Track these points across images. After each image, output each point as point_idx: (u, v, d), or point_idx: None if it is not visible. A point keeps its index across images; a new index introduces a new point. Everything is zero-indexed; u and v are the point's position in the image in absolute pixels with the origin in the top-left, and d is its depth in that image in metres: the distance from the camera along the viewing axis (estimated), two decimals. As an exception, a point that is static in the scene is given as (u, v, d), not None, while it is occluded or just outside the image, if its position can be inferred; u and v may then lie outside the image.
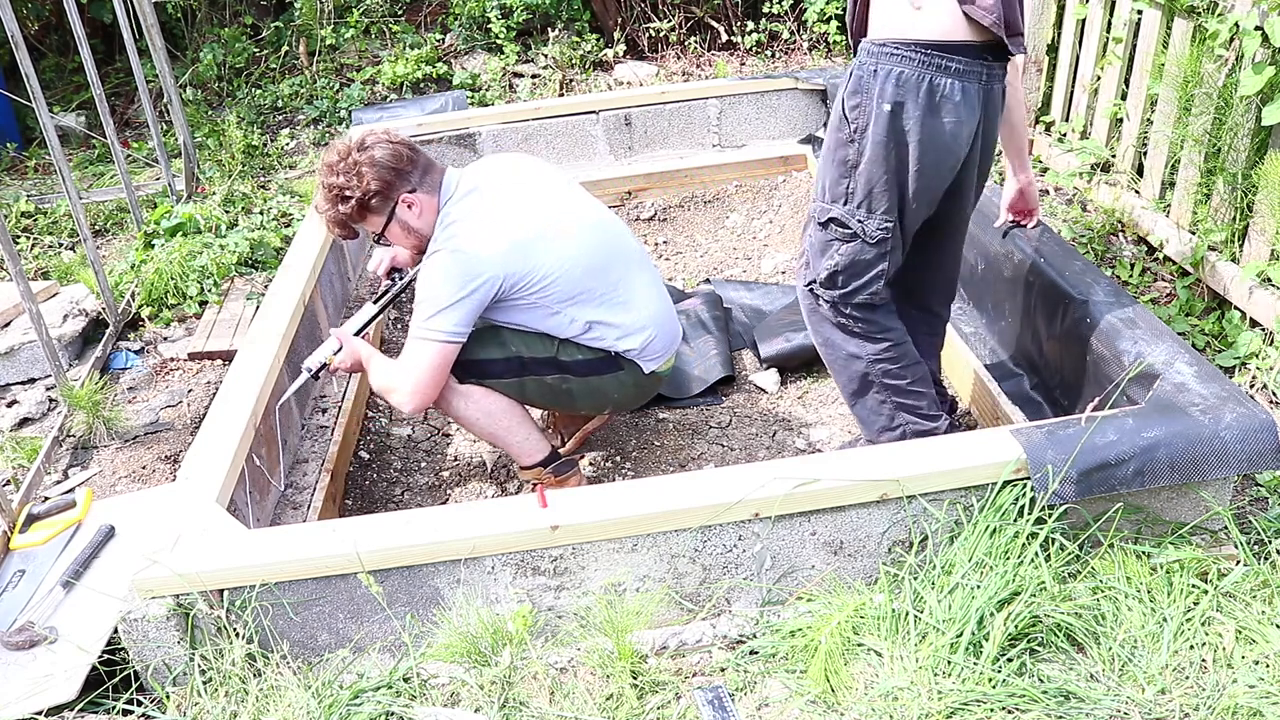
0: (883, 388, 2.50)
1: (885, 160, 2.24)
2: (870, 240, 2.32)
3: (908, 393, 2.51)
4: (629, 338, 2.57)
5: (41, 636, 2.16)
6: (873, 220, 2.29)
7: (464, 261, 2.40)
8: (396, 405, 2.51)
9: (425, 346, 2.42)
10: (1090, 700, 1.93)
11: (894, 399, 2.52)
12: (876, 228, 2.29)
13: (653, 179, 4.63)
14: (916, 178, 2.26)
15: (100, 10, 6.06)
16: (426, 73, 5.98)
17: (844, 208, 2.32)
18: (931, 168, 2.26)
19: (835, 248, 2.37)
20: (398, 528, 2.11)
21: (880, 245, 2.32)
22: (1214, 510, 2.19)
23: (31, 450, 3.05)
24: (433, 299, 2.40)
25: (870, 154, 2.25)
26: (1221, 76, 3.10)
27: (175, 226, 4.18)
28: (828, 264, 2.39)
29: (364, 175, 2.44)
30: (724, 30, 6.32)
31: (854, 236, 2.33)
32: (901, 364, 2.48)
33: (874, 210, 2.28)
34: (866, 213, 2.29)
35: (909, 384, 2.51)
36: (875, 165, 2.25)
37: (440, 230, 2.48)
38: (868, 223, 2.29)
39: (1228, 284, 3.14)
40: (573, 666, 2.09)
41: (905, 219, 2.32)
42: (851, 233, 2.33)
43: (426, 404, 2.50)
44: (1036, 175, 4.32)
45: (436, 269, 2.42)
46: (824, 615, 2.09)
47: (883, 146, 2.23)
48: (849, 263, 2.36)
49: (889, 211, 2.28)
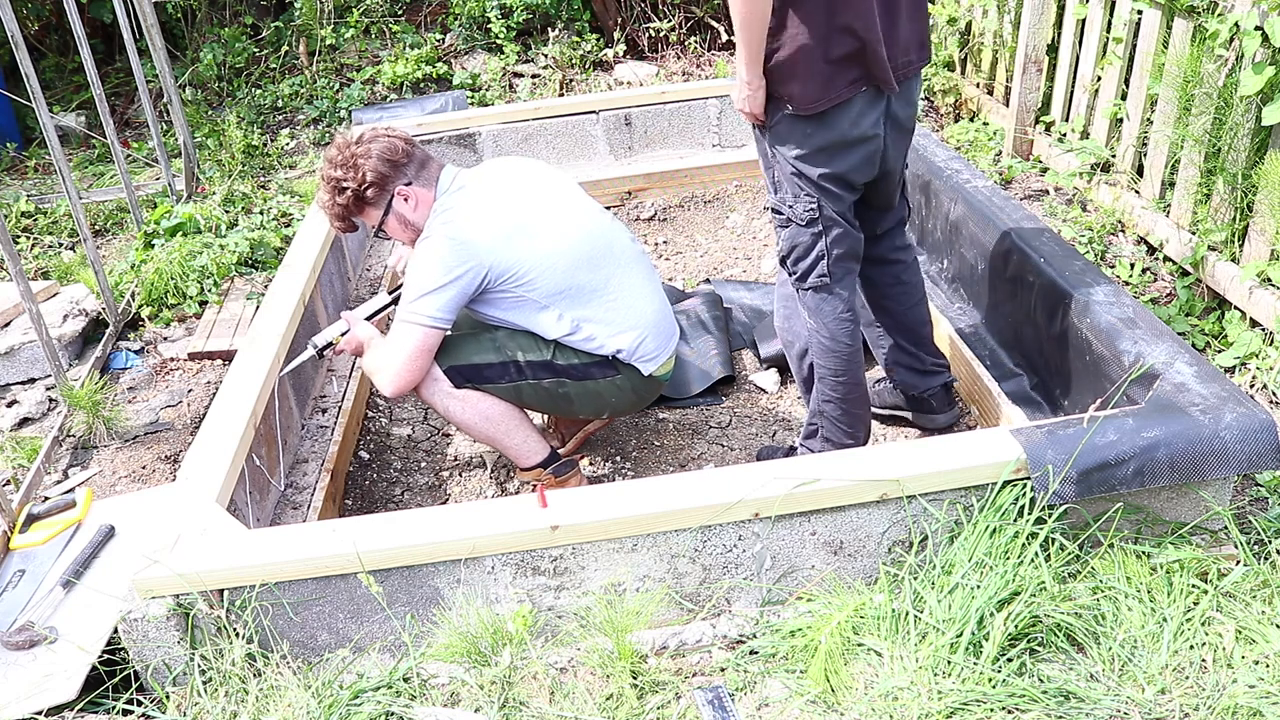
0: (821, 377, 2.59)
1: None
2: (801, 222, 2.45)
3: (838, 405, 2.60)
4: (619, 337, 2.57)
5: (41, 636, 2.16)
6: (799, 203, 2.42)
7: (450, 248, 2.43)
8: (379, 387, 2.54)
9: (408, 330, 2.46)
10: (1090, 700, 1.93)
11: (822, 404, 2.62)
12: (804, 210, 2.43)
13: (653, 179, 4.63)
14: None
15: (100, 10, 6.06)
16: (426, 73, 5.98)
17: (775, 196, 2.49)
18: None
19: (780, 233, 2.54)
20: (398, 528, 2.11)
21: (811, 225, 2.44)
22: (1214, 510, 2.19)
23: (31, 450, 3.05)
24: (418, 283, 2.44)
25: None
26: (1221, 76, 3.10)
27: (175, 226, 4.18)
28: (780, 248, 2.56)
29: (360, 168, 2.50)
30: (724, 30, 6.32)
31: (788, 221, 2.48)
32: (836, 362, 2.55)
33: (798, 195, 2.42)
34: (793, 198, 2.43)
35: (842, 399, 2.58)
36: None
37: (432, 219, 2.53)
38: (795, 206, 2.43)
39: (1227, 284, 3.14)
40: (573, 666, 2.09)
41: (829, 201, 2.41)
42: (785, 218, 2.48)
43: (407, 388, 2.51)
44: (1036, 175, 4.33)
45: (424, 254, 2.46)
46: (824, 615, 2.09)
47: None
48: (791, 245, 2.51)
49: (810, 195, 2.40)
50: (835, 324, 2.52)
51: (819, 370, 2.58)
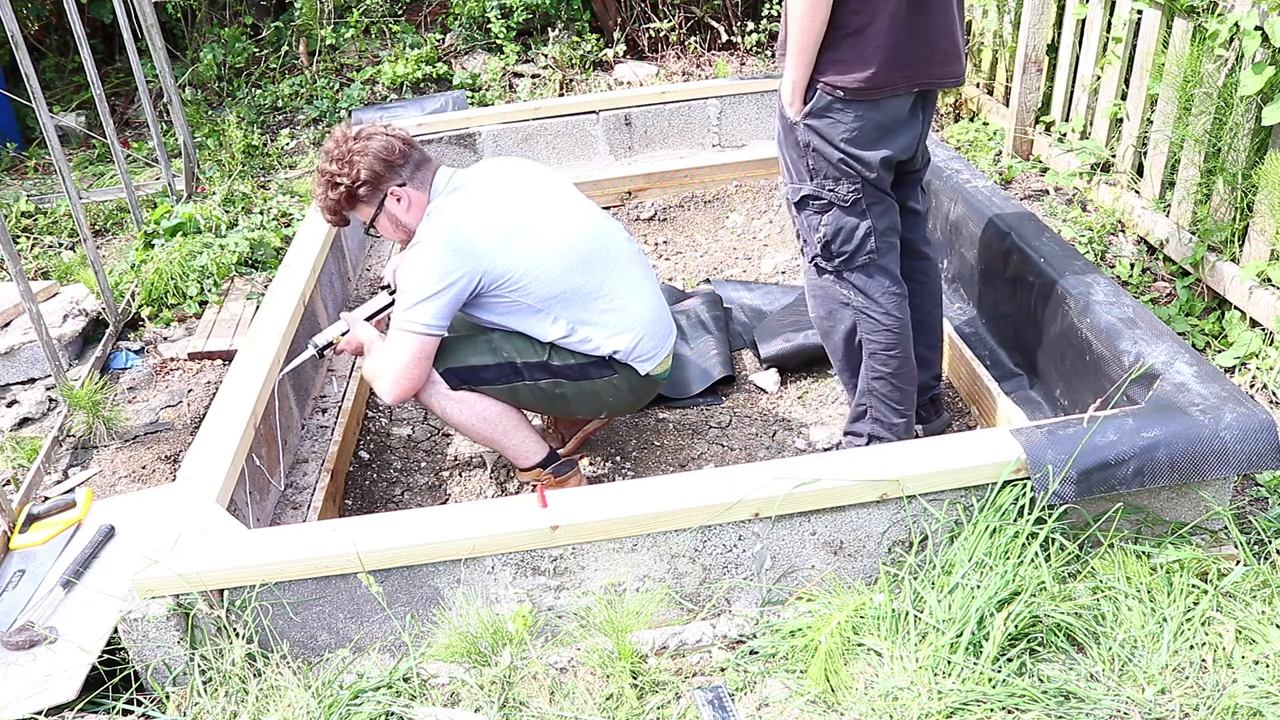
0: (872, 353, 2.58)
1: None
2: (844, 204, 2.44)
3: (890, 382, 2.59)
4: (616, 338, 2.56)
5: (41, 636, 2.16)
6: (841, 185, 2.42)
7: (442, 254, 2.42)
8: (379, 394, 2.54)
9: (405, 338, 2.46)
10: (1090, 700, 1.93)
11: (873, 382, 2.61)
12: (847, 191, 2.42)
13: (653, 179, 4.63)
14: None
15: (100, 10, 6.06)
16: (426, 73, 5.98)
17: (812, 184, 2.46)
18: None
19: (818, 220, 2.49)
20: (398, 528, 2.11)
21: (855, 205, 2.44)
22: (1214, 510, 2.19)
23: (31, 450, 3.05)
24: (412, 291, 2.43)
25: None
26: (1221, 76, 3.10)
27: (175, 226, 4.18)
28: (819, 236, 2.50)
29: (355, 164, 2.50)
30: (724, 30, 6.32)
31: (830, 205, 2.46)
32: (890, 352, 2.56)
33: (839, 178, 2.41)
34: (833, 181, 2.42)
35: (892, 374, 2.58)
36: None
37: (424, 223, 2.51)
38: (837, 188, 2.42)
39: (1228, 284, 3.14)
40: (573, 666, 2.09)
41: (873, 180, 2.43)
42: (826, 202, 2.46)
43: (407, 395, 2.51)
44: (1036, 175, 4.33)
45: (416, 261, 2.45)
46: (824, 615, 2.09)
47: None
48: (835, 230, 2.47)
49: (854, 176, 2.41)
50: (885, 298, 2.52)
51: (870, 347, 2.57)
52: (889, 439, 2.63)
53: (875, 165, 2.39)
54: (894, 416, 2.64)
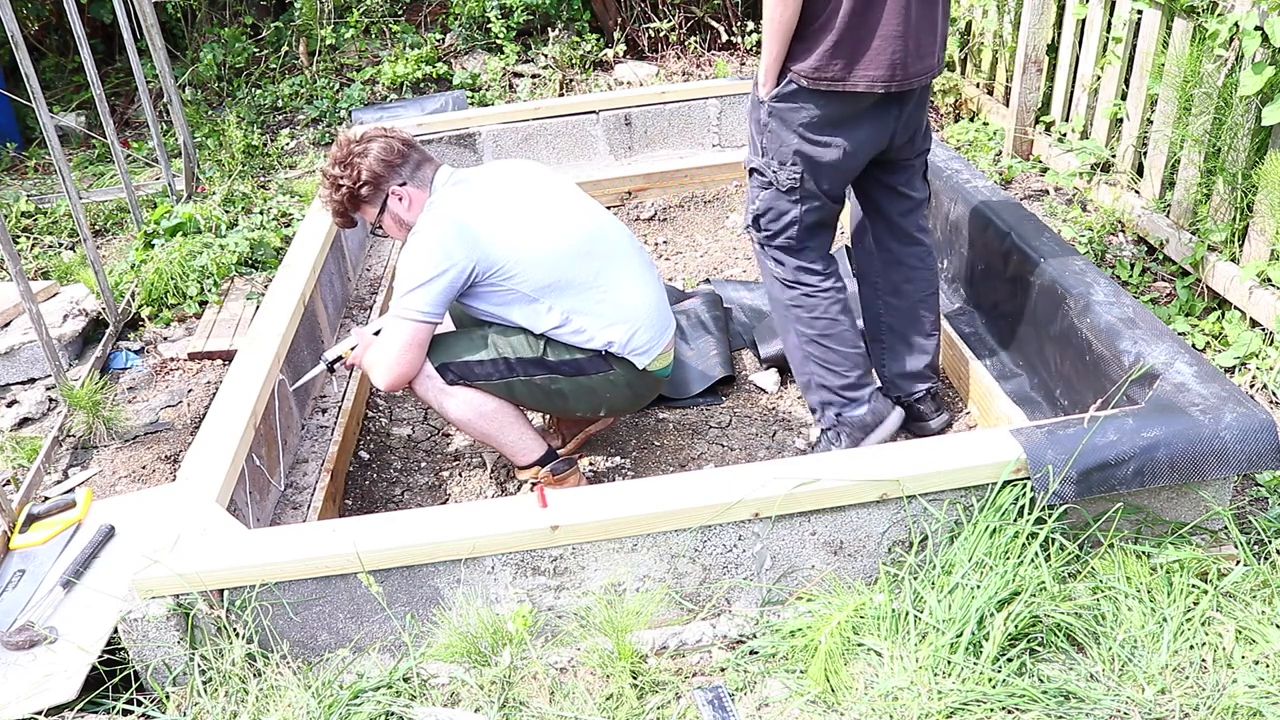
0: (797, 333, 2.72)
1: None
2: (782, 189, 2.58)
3: (816, 344, 2.70)
4: (610, 329, 2.57)
5: (41, 636, 2.16)
6: (783, 171, 2.54)
7: (436, 242, 2.47)
8: (373, 381, 2.60)
9: (399, 325, 2.50)
10: (1090, 700, 1.93)
11: (804, 347, 2.73)
12: (786, 178, 2.56)
13: (653, 179, 4.63)
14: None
15: (100, 10, 6.06)
16: (426, 73, 5.98)
17: (761, 159, 2.60)
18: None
19: (757, 194, 2.66)
20: (398, 528, 2.12)
21: (791, 193, 2.58)
22: (1214, 510, 2.19)
23: (31, 450, 3.05)
24: (408, 277, 2.48)
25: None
26: (1221, 76, 3.10)
27: (175, 226, 4.18)
28: (753, 208, 2.68)
29: (356, 167, 2.57)
30: (724, 30, 6.32)
31: (770, 184, 2.61)
32: (812, 314, 2.68)
33: (784, 164, 2.54)
34: (779, 164, 2.55)
35: (818, 335, 2.69)
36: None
37: (423, 214, 2.57)
38: (780, 173, 2.56)
39: (1227, 284, 3.14)
40: (573, 666, 2.09)
41: (818, 174, 2.54)
42: (768, 181, 2.61)
43: (400, 382, 2.55)
44: (1036, 175, 4.33)
45: (411, 249, 2.51)
46: (824, 615, 2.09)
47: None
48: (767, 207, 2.64)
49: (796, 165, 2.54)
50: (801, 273, 2.67)
51: (795, 313, 2.70)
52: (839, 401, 2.73)
53: (823, 160, 2.50)
54: (832, 378, 2.71)
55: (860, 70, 2.38)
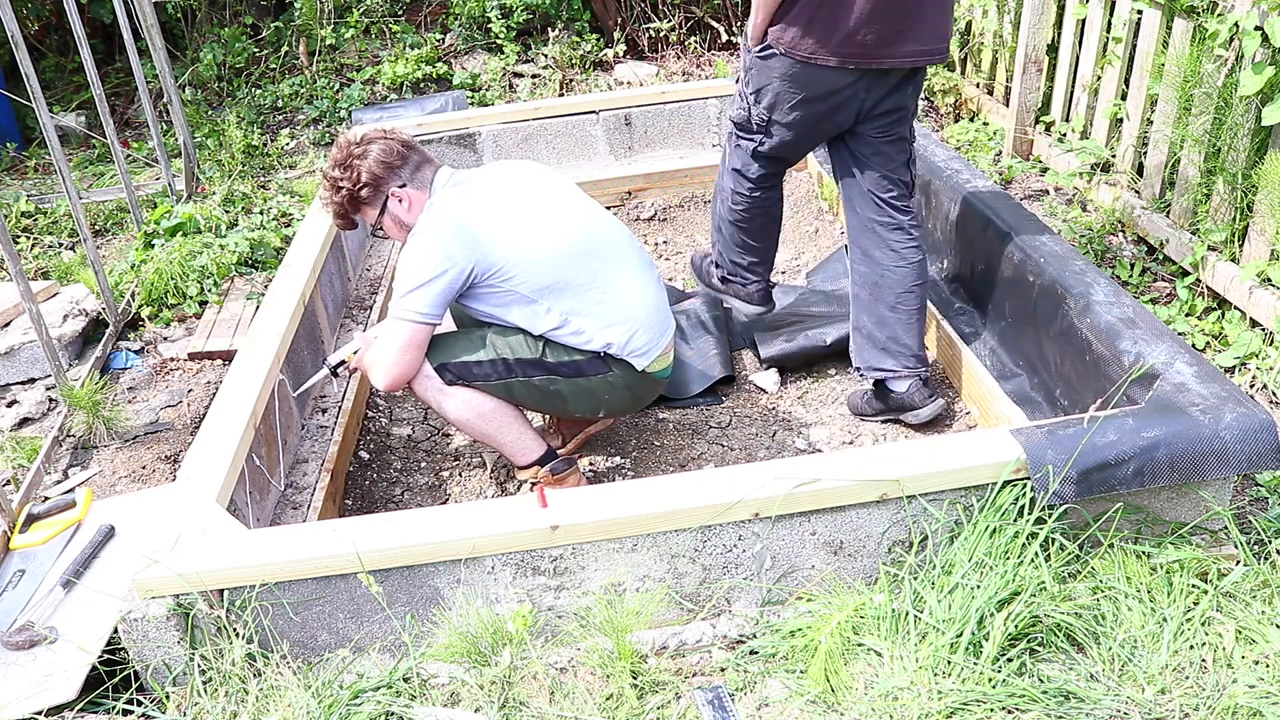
0: (724, 219, 3.16)
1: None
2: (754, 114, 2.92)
3: (729, 220, 3.14)
4: (609, 331, 2.57)
5: (41, 636, 2.16)
6: (757, 109, 2.88)
7: (434, 244, 2.47)
8: (372, 381, 2.61)
9: (398, 326, 2.51)
10: (1090, 700, 1.93)
11: (723, 230, 3.19)
12: (758, 114, 2.89)
13: (653, 179, 4.63)
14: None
15: (100, 10, 6.06)
16: (426, 73, 5.98)
17: (744, 98, 2.93)
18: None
19: (739, 105, 2.98)
20: (398, 528, 2.12)
21: (760, 127, 2.92)
22: (1214, 510, 2.19)
23: (31, 450, 3.05)
24: (406, 278, 2.49)
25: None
26: (1221, 76, 3.10)
27: (175, 226, 4.18)
28: (735, 115, 3.01)
29: (356, 169, 2.58)
30: (724, 30, 6.32)
31: (749, 108, 2.94)
32: (734, 199, 3.07)
33: (759, 101, 2.87)
34: (755, 99, 2.88)
35: (736, 215, 3.11)
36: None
37: (422, 215, 2.57)
38: (754, 109, 2.89)
39: (1227, 284, 3.14)
40: (573, 666, 2.09)
41: (774, 127, 2.88)
42: (747, 113, 2.95)
43: (398, 382, 2.56)
44: (1036, 175, 4.33)
45: (410, 251, 2.51)
46: (824, 615, 2.09)
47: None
48: (745, 117, 2.95)
49: (770, 104, 2.85)
50: (748, 158, 2.98)
51: (720, 196, 3.13)
52: (723, 270, 3.27)
53: (779, 122, 2.83)
54: (731, 255, 3.21)
55: (832, 47, 2.61)
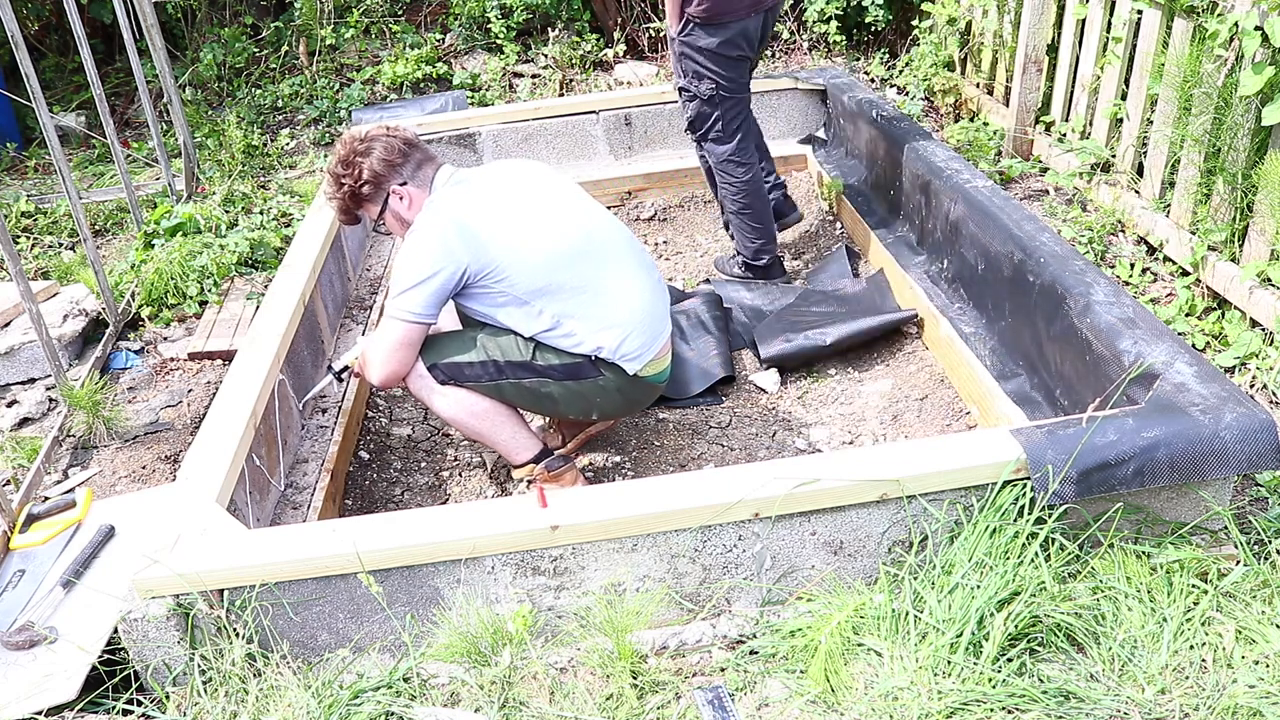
0: (724, 197, 3.80)
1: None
2: (704, 98, 3.61)
3: (735, 210, 3.78)
4: (601, 334, 2.56)
5: (41, 636, 2.16)
6: (702, 84, 3.57)
7: (429, 245, 2.48)
8: (368, 379, 2.64)
9: (392, 325, 2.53)
10: (1090, 700, 1.93)
11: (728, 206, 3.81)
12: (705, 88, 3.57)
13: (653, 179, 4.63)
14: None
15: (100, 10, 6.06)
16: (426, 73, 5.98)
17: (684, 80, 3.62)
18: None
19: (687, 106, 3.70)
20: (398, 528, 2.12)
21: (710, 100, 3.60)
22: (1214, 510, 2.19)
23: (31, 450, 3.05)
24: (402, 278, 2.51)
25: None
26: (1221, 76, 3.10)
27: (175, 226, 4.18)
28: (687, 116, 3.73)
29: (358, 166, 2.60)
30: (724, 30, 6.31)
31: (694, 98, 3.63)
32: (733, 187, 3.72)
33: (701, 79, 3.58)
34: (697, 80, 3.58)
35: (740, 204, 3.75)
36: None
37: (420, 214, 2.58)
38: (700, 86, 3.58)
39: (1227, 284, 3.14)
40: (573, 666, 2.09)
41: (729, 73, 3.56)
42: (692, 94, 3.62)
43: (392, 379, 2.59)
44: (1036, 175, 4.33)
45: (406, 250, 2.53)
46: (824, 615, 2.09)
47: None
48: (696, 114, 3.67)
49: (711, 77, 3.56)
50: (729, 165, 3.67)
51: (724, 191, 3.75)
52: (744, 256, 3.83)
53: (726, 73, 3.51)
54: (749, 240, 3.79)
55: (733, 3, 3.41)
